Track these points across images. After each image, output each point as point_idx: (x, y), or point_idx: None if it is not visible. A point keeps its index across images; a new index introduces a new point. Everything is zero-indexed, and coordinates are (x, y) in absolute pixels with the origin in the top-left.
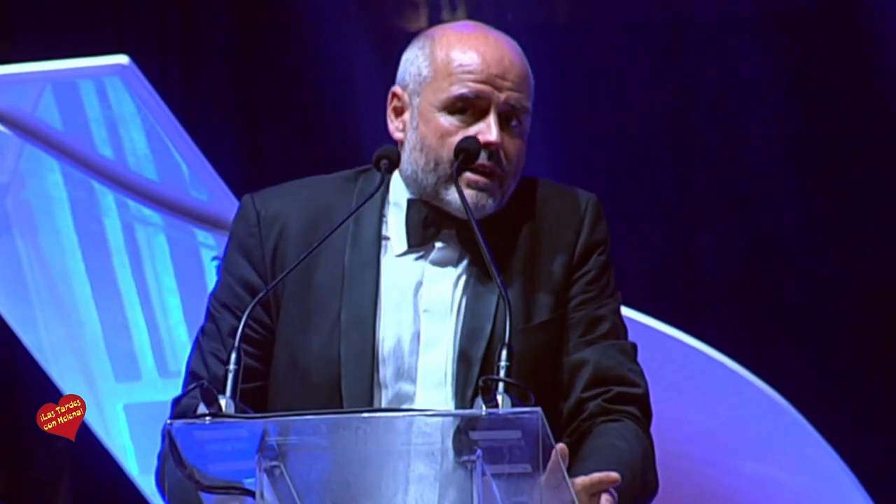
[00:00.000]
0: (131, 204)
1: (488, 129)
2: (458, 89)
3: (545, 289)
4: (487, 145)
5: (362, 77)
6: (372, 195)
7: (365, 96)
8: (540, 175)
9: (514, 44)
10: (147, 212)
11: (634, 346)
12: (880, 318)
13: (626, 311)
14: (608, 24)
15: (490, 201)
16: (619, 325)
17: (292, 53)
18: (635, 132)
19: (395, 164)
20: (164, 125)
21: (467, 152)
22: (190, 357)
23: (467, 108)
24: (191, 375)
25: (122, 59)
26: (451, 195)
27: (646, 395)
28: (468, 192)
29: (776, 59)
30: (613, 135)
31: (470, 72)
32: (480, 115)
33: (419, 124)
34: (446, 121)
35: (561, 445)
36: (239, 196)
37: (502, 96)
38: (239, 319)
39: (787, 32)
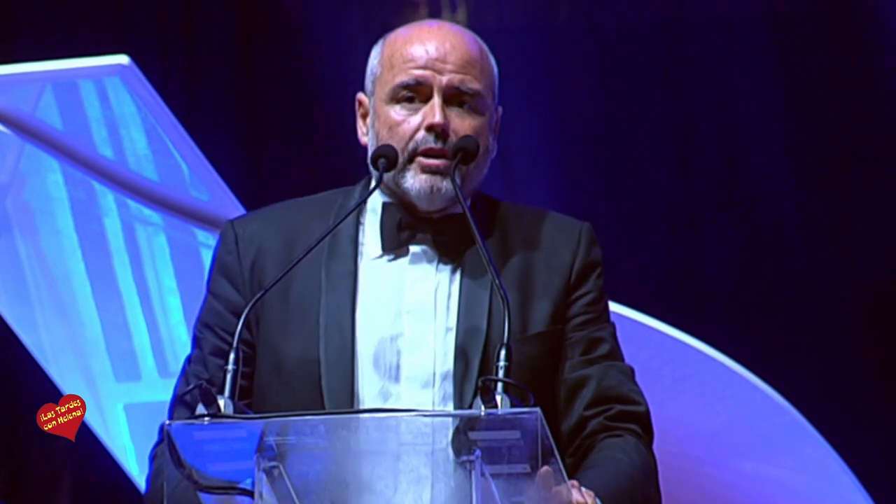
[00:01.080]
0: (131, 204)
1: (431, 111)
2: (400, 78)
3: (541, 301)
4: (432, 127)
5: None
6: (368, 195)
7: None
8: (540, 175)
9: (467, 33)
10: (147, 212)
11: (633, 369)
12: (880, 318)
13: (626, 312)
14: (608, 24)
15: (446, 183)
16: (618, 349)
17: (293, 53)
18: (635, 132)
19: (392, 162)
20: (164, 125)
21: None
22: (176, 383)
23: (413, 96)
24: (176, 400)
25: (122, 59)
26: (409, 182)
27: (647, 413)
28: (423, 177)
29: (776, 59)
30: (613, 134)
31: (411, 60)
32: (426, 101)
33: (374, 121)
34: (394, 112)
35: (545, 468)
36: (239, 196)
37: (444, 79)
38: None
39: (787, 32)
